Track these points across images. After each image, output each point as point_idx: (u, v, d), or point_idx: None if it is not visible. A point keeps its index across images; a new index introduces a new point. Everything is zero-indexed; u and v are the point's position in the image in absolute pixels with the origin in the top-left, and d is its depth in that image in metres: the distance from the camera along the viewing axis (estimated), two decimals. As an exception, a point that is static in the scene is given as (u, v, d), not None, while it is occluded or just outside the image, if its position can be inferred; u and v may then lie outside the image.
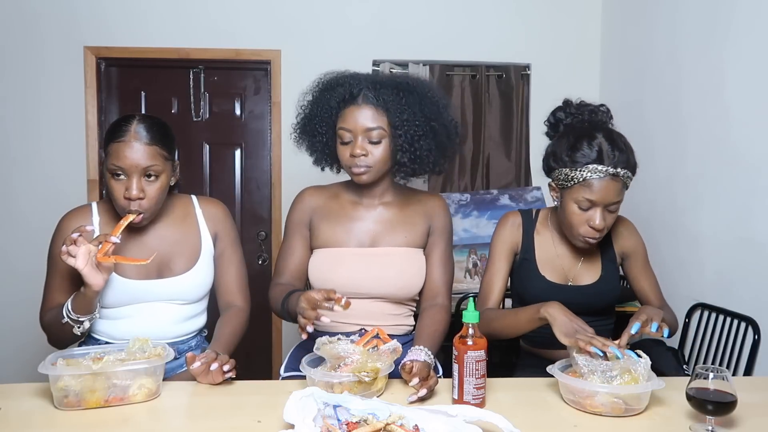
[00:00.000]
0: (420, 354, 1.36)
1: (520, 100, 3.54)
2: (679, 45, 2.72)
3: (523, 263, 1.65)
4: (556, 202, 1.57)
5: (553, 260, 1.63)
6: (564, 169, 1.48)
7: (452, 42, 3.46)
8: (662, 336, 1.33)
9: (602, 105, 1.60)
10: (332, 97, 1.56)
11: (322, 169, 1.70)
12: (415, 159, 1.57)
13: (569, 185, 1.48)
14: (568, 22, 3.51)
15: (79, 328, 1.38)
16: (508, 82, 3.53)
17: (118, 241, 1.32)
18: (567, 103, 1.62)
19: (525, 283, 1.64)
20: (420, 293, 1.63)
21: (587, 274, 1.63)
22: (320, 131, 1.59)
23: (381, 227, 1.60)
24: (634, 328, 1.31)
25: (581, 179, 1.45)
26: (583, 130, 1.51)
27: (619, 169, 1.44)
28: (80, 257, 1.28)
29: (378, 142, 1.52)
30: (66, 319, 1.36)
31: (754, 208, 2.22)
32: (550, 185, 1.58)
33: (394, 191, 1.65)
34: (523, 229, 1.66)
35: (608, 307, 1.67)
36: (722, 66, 2.40)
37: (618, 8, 3.36)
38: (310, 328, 1.26)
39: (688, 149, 2.63)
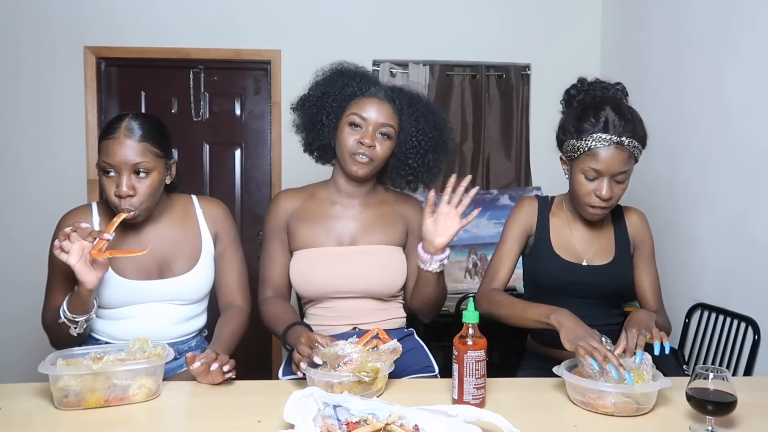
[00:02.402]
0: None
1: (520, 100, 3.54)
2: (679, 45, 2.72)
3: (538, 244, 1.65)
4: (566, 176, 1.58)
5: (568, 241, 1.64)
6: (571, 140, 1.50)
7: (452, 42, 3.46)
8: (665, 350, 1.30)
9: (618, 83, 1.62)
10: (348, 84, 1.58)
11: (305, 151, 1.69)
12: (424, 166, 1.62)
13: (576, 156, 1.49)
14: (568, 22, 3.51)
15: (75, 328, 1.37)
16: (508, 82, 3.53)
17: (111, 238, 1.32)
18: (581, 80, 1.63)
19: (539, 263, 1.64)
20: (403, 289, 1.63)
21: (601, 256, 1.63)
22: (327, 110, 1.58)
23: (360, 226, 1.61)
24: (638, 358, 1.26)
25: (587, 148, 1.46)
26: (592, 102, 1.53)
27: (624, 138, 1.45)
28: (73, 253, 1.28)
29: (386, 140, 1.55)
30: (62, 320, 1.36)
31: (754, 208, 2.22)
32: (561, 159, 1.59)
33: (375, 192, 1.66)
34: (539, 211, 1.67)
35: (620, 294, 1.67)
36: (722, 66, 2.40)
37: (618, 8, 3.36)
38: (303, 365, 1.26)
39: (688, 149, 2.63)
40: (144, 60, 3.36)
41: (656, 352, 1.29)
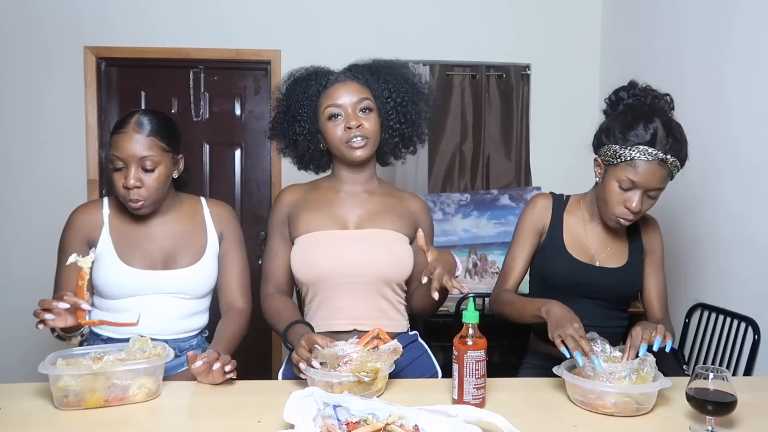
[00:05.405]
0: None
1: (520, 100, 3.54)
2: (679, 45, 2.72)
3: (550, 242, 1.64)
4: (598, 179, 1.57)
5: (581, 241, 1.63)
6: (614, 146, 1.48)
7: (452, 42, 3.46)
8: (665, 349, 1.30)
9: (667, 94, 1.59)
10: (309, 86, 1.57)
11: (300, 168, 1.68)
12: (407, 122, 1.60)
13: (615, 162, 1.48)
14: (568, 22, 3.51)
15: (69, 341, 1.42)
16: (508, 82, 3.53)
17: (89, 309, 1.28)
18: (632, 84, 1.61)
19: (550, 261, 1.63)
20: (408, 285, 1.60)
21: (614, 259, 1.63)
22: (301, 117, 1.56)
23: (365, 212, 1.57)
24: (642, 351, 1.27)
25: (629, 158, 1.45)
26: (642, 111, 1.51)
27: (668, 156, 1.44)
28: (57, 320, 1.26)
29: (368, 112, 1.54)
30: (57, 332, 1.38)
31: (754, 208, 2.22)
32: (595, 161, 1.57)
33: (378, 182, 1.64)
34: (553, 209, 1.66)
35: (628, 299, 1.68)
36: (722, 66, 2.40)
37: (618, 8, 3.36)
38: (303, 366, 1.26)
39: (689, 149, 2.63)
40: (144, 60, 3.36)
41: (656, 347, 1.28)
